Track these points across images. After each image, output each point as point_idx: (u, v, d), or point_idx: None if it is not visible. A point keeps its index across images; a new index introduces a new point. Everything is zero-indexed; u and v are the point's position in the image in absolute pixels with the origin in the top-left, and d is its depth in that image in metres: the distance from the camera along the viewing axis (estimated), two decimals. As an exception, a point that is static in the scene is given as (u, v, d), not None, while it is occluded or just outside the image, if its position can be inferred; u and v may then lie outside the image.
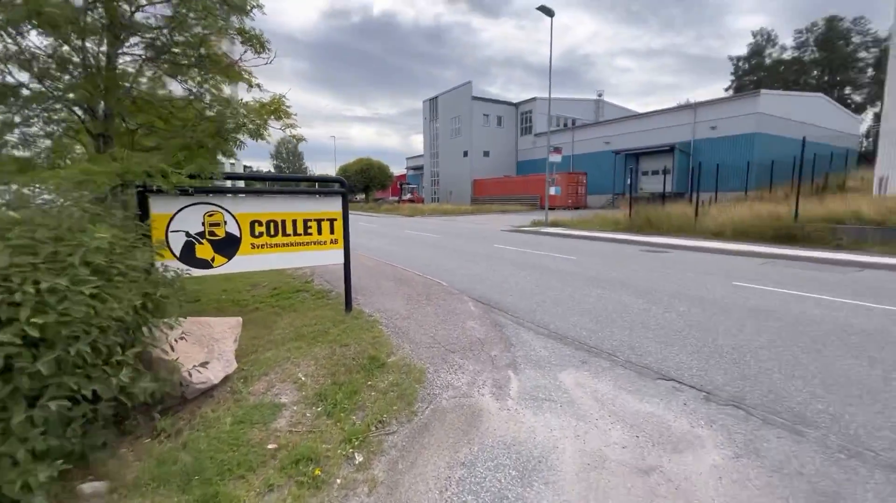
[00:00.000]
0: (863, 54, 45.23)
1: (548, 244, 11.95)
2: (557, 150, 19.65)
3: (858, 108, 44.15)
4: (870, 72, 44.51)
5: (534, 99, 40.78)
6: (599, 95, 45.24)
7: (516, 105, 42.98)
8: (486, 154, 42.24)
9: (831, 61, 46.88)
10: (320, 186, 7.85)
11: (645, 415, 2.76)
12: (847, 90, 47.16)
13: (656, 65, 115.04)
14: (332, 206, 4.62)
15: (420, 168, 53.77)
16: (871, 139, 40.74)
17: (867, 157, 29.30)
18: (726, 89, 54.66)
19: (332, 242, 4.62)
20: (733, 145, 25.33)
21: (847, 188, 16.04)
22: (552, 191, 22.17)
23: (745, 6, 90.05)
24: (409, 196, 47.06)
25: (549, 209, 20.18)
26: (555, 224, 17.55)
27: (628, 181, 28.48)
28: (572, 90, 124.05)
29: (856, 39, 45.68)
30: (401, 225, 20.75)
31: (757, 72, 51.61)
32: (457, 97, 42.68)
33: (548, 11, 16.97)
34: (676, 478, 2.16)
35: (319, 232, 4.54)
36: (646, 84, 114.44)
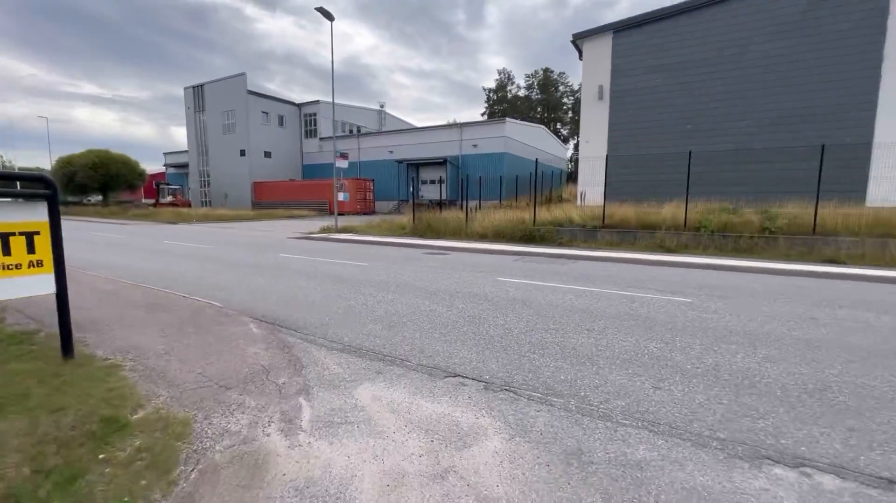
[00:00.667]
0: (566, 100, 61.26)
1: (338, 251, 11.73)
2: (344, 155, 19.61)
3: (566, 139, 59.48)
4: (570, 113, 60.66)
5: (318, 102, 39.80)
6: (382, 106, 47.57)
7: (299, 106, 41.10)
8: (268, 155, 38.94)
9: (549, 102, 61.76)
10: (22, 186, 5.73)
11: (438, 417, 2.89)
12: (559, 125, 62.91)
13: (428, 85, 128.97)
14: (31, 215, 3.30)
15: (184, 166, 45.53)
16: (574, 163, 55.29)
17: (573, 177, 39.46)
18: (482, 114, 65.47)
19: (33, 265, 3.30)
20: (490, 161, 30.40)
21: (564, 199, 21.30)
22: (341, 196, 22.00)
23: (492, 48, 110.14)
24: (169, 199, 39.32)
25: (339, 215, 19.96)
26: (345, 230, 17.45)
27: (411, 189, 30.80)
28: (357, 98, 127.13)
29: (562, 88, 61.48)
30: (160, 234, 17.02)
31: (502, 103, 63.58)
32: (229, 88, 37.88)
33: (327, 14, 16.73)
34: (468, 474, 2.30)
35: (7, 252, 3.18)
36: (420, 101, 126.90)
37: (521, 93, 63.73)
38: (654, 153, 15.01)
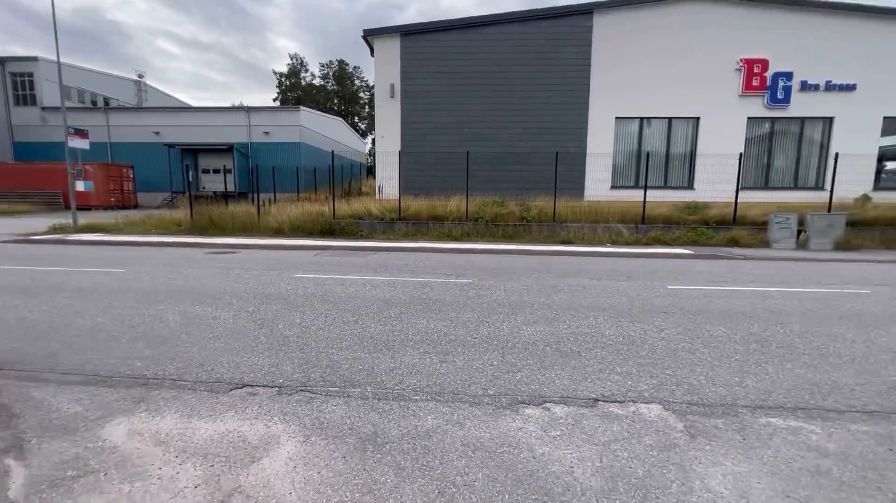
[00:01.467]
0: (363, 94, 62.02)
1: (81, 256, 9.11)
2: (82, 132, 15.24)
3: (364, 133, 60.36)
4: (367, 108, 61.76)
5: (35, 59, 29.69)
6: (141, 77, 38.78)
7: (3, 61, 29.86)
8: (-57, 124, 27.13)
9: (345, 94, 61.38)
10: None
11: (220, 437, 2.56)
12: (356, 119, 63.30)
13: (205, 59, 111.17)
14: None
15: None
16: (373, 157, 56.62)
17: (372, 170, 40.39)
18: (274, 99, 60.51)
19: None
20: (285, 151, 28.40)
21: (363, 193, 21.64)
22: (81, 186, 17.19)
23: (283, 30, 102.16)
24: None
25: (83, 209, 15.50)
26: (90, 229, 13.66)
27: (188, 179, 26.24)
28: (102, 62, 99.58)
29: (358, 82, 61.92)
30: None
31: (296, 90, 60.06)
32: None
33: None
34: (256, 490, 2.11)
35: None
36: (197, 77, 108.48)
37: (317, 82, 61.50)
38: (442, 151, 16.69)
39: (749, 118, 16.47)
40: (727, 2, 16.11)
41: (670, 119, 16.86)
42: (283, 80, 60.57)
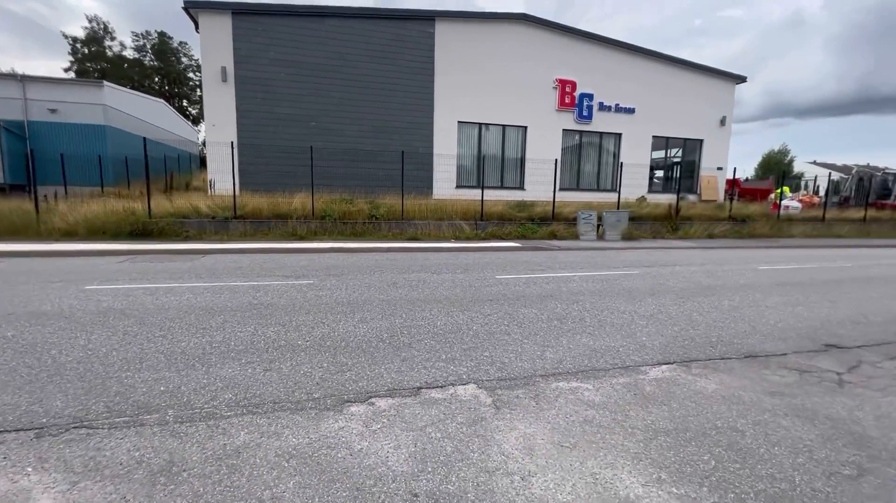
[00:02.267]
0: (193, 75, 54.03)
1: None
2: None
3: (196, 120, 52.75)
4: (199, 91, 54.03)
5: None
6: None
7: None
8: None
9: (168, 73, 52.66)
10: None
11: (-70, 508, 1.93)
12: (186, 103, 54.93)
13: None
14: None
15: None
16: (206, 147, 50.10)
17: (205, 162, 35.75)
18: (67, 69, 48.48)
19: None
20: (83, 135, 23.03)
21: (193, 187, 18.89)
22: None
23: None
24: None
25: None
26: None
27: (-81, 164, 19.34)
28: None
29: (185, 60, 53.71)
30: None
31: (100, 60, 49.19)
32: None
33: None
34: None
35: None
36: (-65, 27, 79.89)
37: (129, 54, 51.28)
38: (286, 145, 15.58)
39: (564, 130, 19.39)
40: (544, 29, 18.64)
41: (504, 126, 18.80)
42: (78, 46, 48.88)
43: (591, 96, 19.29)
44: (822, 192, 23.84)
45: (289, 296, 5.69)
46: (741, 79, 22.08)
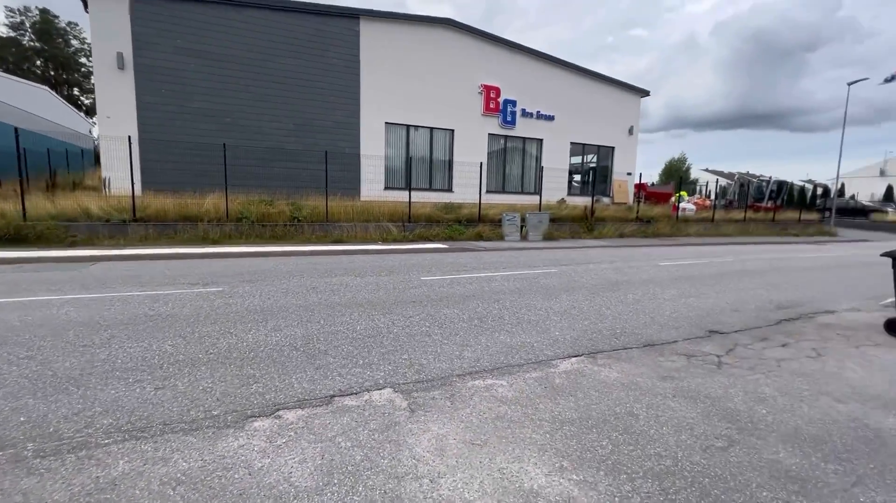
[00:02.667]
0: (86, 61, 47.98)
1: None
2: None
3: (90, 112, 46.89)
4: (93, 79, 48.13)
5: None
6: None
7: None
8: None
9: (55, 56, 46.31)
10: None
11: None
12: (77, 91, 48.65)
13: None
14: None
15: None
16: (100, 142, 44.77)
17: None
18: (-85, 45, 40.69)
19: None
20: (-63, 123, 19.44)
21: (85, 186, 16.73)
22: None
23: (-73, -57, 68.93)
24: None
25: None
26: None
27: None
28: None
29: (76, 43, 47.57)
30: None
31: (-34, 37, 41.98)
32: None
33: None
34: None
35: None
36: None
37: (2, 31, 44.23)
38: (197, 142, 14.35)
39: (489, 134, 19.98)
40: (470, 35, 19.09)
41: (432, 129, 18.94)
42: (-69, 18, 41.22)
43: (514, 102, 20.08)
44: (713, 196, 26.96)
45: (193, 306, 5.21)
46: (646, 93, 24.27)
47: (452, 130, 19.21)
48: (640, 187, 22.05)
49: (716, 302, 6.38)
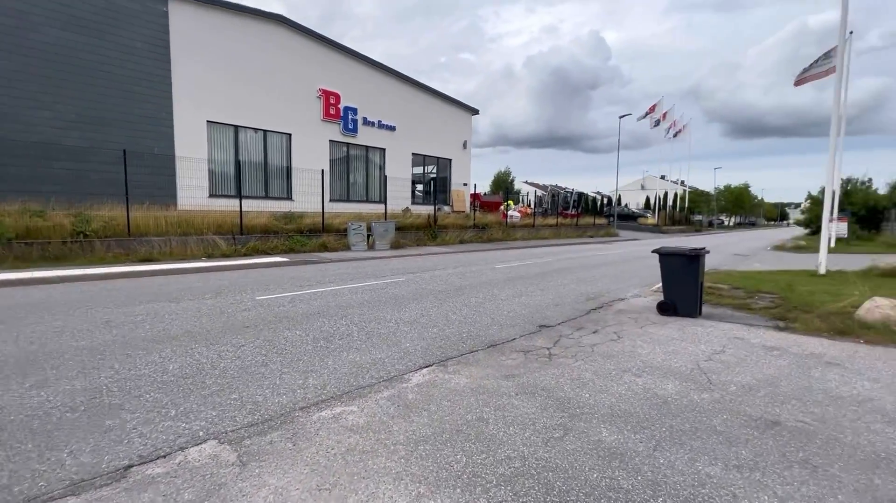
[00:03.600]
0: None
1: None
2: None
3: None
4: None
5: None
6: None
7: None
8: None
9: None
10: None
11: None
12: None
13: None
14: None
15: None
16: None
17: None
18: None
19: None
20: None
21: None
22: None
23: None
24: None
25: None
26: None
27: None
28: None
29: None
30: None
31: None
32: None
33: None
34: None
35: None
36: None
37: None
38: None
39: (331, 141, 19.27)
40: (306, 36, 18.14)
41: (266, 131, 17.31)
42: None
43: (355, 110, 19.81)
44: (532, 205, 31.25)
45: None
46: (475, 111, 26.73)
47: (290, 135, 17.94)
48: (475, 197, 24.09)
49: (542, 299, 7.22)
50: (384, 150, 21.49)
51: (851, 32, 15.99)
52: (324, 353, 4.24)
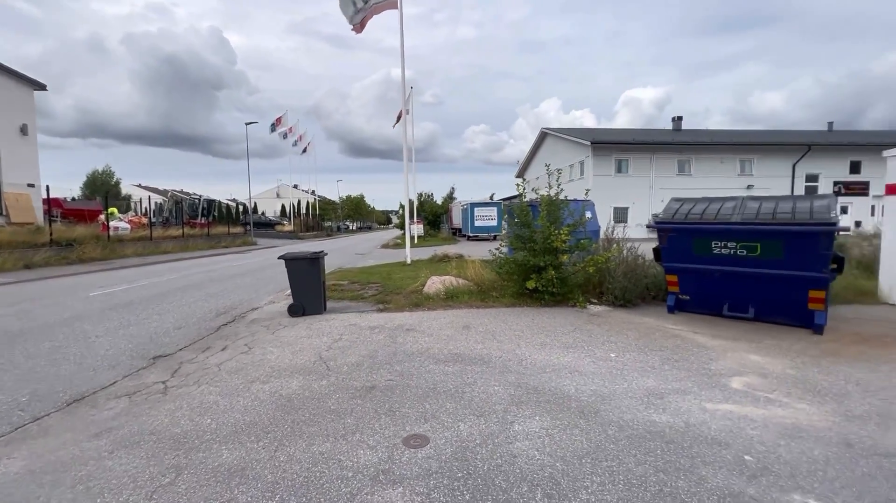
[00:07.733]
0: None
1: None
2: None
3: None
4: None
5: None
6: None
7: None
8: None
9: None
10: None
11: None
12: None
13: None
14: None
15: None
16: None
17: None
18: None
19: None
20: None
21: None
22: None
23: None
24: None
25: None
26: None
27: None
28: None
29: None
30: None
31: None
32: None
33: None
34: None
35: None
36: None
37: None
38: None
39: None
40: None
41: None
42: None
43: None
44: (149, 214, 25.92)
45: None
46: (42, 86, 19.52)
47: None
48: (54, 203, 17.65)
49: (159, 324, 6.13)
50: None
51: (412, 87, 22.06)
52: None
